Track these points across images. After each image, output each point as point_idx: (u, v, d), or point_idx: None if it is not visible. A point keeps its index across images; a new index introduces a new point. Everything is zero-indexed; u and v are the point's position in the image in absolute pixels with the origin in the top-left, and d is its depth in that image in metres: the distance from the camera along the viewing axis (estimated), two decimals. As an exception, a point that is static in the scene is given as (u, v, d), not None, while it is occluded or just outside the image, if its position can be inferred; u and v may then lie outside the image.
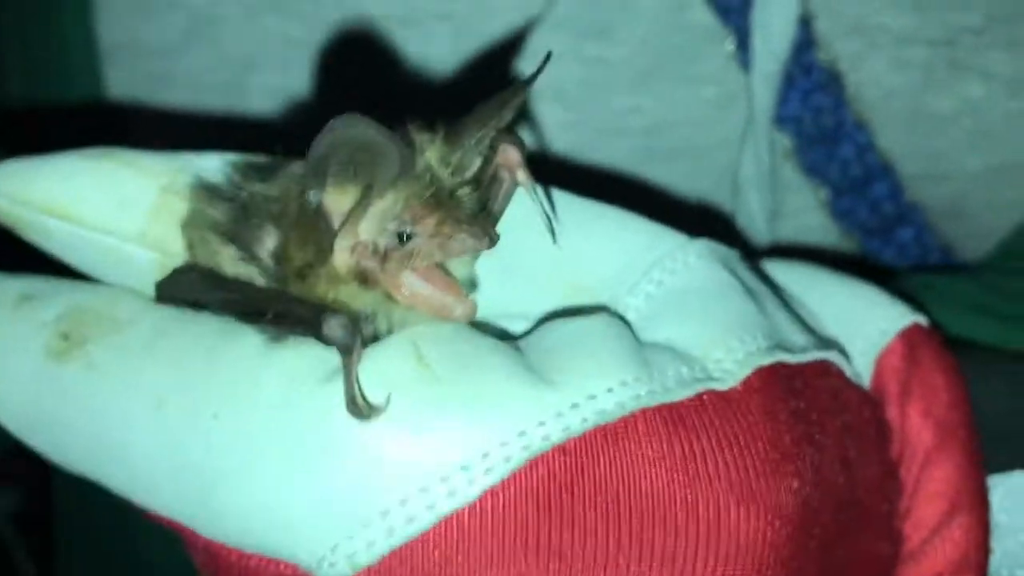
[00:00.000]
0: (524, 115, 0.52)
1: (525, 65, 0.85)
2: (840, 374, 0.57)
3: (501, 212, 0.56)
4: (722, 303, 0.55)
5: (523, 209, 0.55)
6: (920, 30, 0.84)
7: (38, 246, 0.57)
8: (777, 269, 0.63)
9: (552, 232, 0.55)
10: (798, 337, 0.56)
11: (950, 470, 0.57)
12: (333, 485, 0.47)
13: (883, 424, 0.58)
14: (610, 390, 0.49)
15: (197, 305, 0.53)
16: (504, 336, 0.55)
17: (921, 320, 0.61)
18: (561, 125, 0.86)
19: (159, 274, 0.55)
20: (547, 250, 0.55)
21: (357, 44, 0.89)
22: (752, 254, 0.62)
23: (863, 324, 0.60)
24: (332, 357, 0.49)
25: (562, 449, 0.48)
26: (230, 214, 0.53)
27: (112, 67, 0.91)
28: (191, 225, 0.54)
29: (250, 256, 0.52)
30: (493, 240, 0.50)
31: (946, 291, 0.75)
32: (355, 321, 0.49)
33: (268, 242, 0.51)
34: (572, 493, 0.48)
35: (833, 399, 0.55)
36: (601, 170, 0.89)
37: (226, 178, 0.55)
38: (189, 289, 0.53)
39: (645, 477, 0.48)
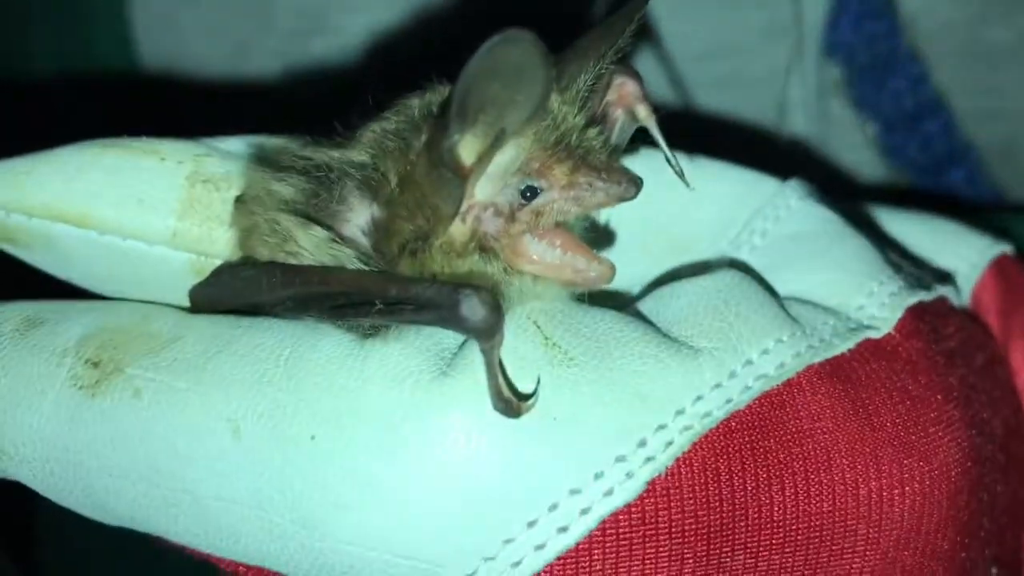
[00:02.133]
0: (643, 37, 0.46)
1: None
2: (955, 307, 0.52)
3: (618, 155, 0.47)
4: (841, 245, 0.49)
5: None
6: None
7: (30, 263, 0.47)
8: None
9: (681, 175, 0.47)
10: (914, 271, 0.51)
11: None
12: (473, 498, 0.40)
13: (1001, 355, 0.54)
14: (766, 351, 0.43)
15: (253, 309, 0.44)
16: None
17: (1008, 249, 0.57)
18: None
19: (194, 278, 0.46)
20: (639, 208, 0.48)
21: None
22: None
23: (949, 258, 0.55)
24: (439, 345, 0.41)
25: (726, 426, 0.42)
26: (305, 188, 0.43)
27: None
28: (249, 209, 0.44)
29: (339, 236, 0.42)
30: (639, 186, 0.42)
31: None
32: (497, 297, 0.40)
33: (360, 218, 0.43)
34: (744, 475, 0.41)
35: (967, 335, 0.51)
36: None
37: (285, 151, 0.46)
38: (242, 290, 0.44)
39: (819, 444, 0.42)
